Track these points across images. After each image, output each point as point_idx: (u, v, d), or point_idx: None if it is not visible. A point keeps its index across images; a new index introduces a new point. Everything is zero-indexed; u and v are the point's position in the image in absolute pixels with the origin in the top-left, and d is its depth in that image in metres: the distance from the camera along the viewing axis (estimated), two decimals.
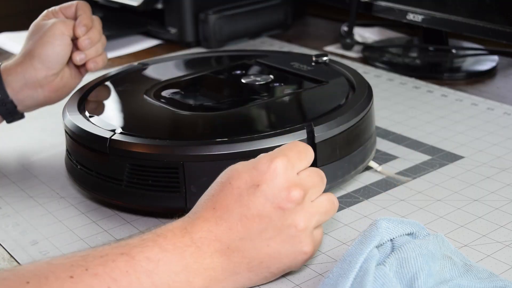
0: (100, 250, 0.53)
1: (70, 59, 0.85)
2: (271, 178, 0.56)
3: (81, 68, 0.87)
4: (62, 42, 0.83)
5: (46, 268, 0.50)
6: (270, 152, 0.58)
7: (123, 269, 0.51)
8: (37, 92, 0.83)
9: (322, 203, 0.59)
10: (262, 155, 0.58)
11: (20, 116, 0.86)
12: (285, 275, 0.61)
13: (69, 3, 0.87)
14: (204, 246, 0.55)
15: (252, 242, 0.56)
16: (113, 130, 0.71)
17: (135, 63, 0.92)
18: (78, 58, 0.84)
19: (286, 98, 0.80)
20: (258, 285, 0.59)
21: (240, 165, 0.58)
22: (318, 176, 0.59)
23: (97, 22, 0.87)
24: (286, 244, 0.57)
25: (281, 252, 0.57)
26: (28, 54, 0.83)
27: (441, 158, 0.83)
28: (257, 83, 0.84)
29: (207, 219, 0.56)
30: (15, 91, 0.83)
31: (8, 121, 0.86)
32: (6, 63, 0.84)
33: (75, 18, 0.86)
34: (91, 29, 0.85)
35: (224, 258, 0.55)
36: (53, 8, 0.87)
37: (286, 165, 0.56)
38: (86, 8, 0.86)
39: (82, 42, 0.84)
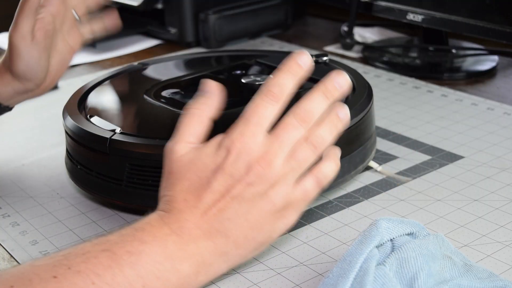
0: (81, 247, 0.53)
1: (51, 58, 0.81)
2: (233, 159, 0.55)
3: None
4: (27, 50, 0.77)
5: (29, 271, 0.50)
6: (233, 128, 0.57)
7: (105, 264, 0.51)
8: (27, 96, 0.82)
9: (298, 156, 0.56)
10: (227, 134, 0.57)
11: (7, 109, 0.83)
12: (285, 274, 0.61)
13: None
14: (185, 234, 0.55)
15: (231, 221, 0.55)
16: (113, 130, 0.71)
17: (135, 63, 0.92)
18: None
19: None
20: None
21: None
22: (282, 132, 0.56)
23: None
24: (262, 213, 0.56)
25: (261, 222, 0.56)
26: (10, 71, 0.79)
27: (441, 158, 0.83)
28: (257, 83, 0.84)
29: (181, 210, 0.55)
30: (5, 99, 0.81)
31: None
32: None
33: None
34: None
35: (209, 242, 0.55)
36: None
37: (246, 142, 0.55)
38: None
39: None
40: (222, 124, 0.74)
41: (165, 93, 0.82)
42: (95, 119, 0.75)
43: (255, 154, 0.55)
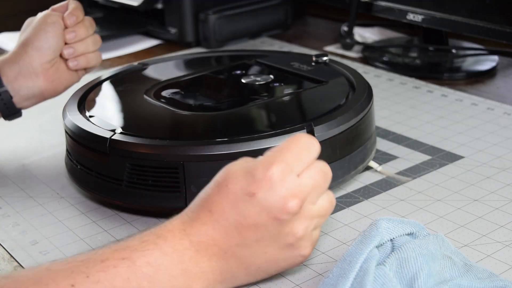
0: (100, 254, 0.52)
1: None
2: (267, 187, 0.53)
3: (74, 67, 0.88)
4: (54, 29, 0.84)
5: (46, 275, 0.49)
6: (268, 155, 0.55)
7: (124, 275, 0.51)
8: (32, 80, 0.83)
9: (322, 205, 0.57)
10: (260, 158, 0.55)
11: (18, 112, 0.85)
12: (285, 274, 0.61)
13: (61, 3, 0.89)
14: (202, 250, 0.54)
15: (249, 249, 0.55)
16: (113, 130, 0.71)
17: (135, 63, 0.92)
18: (66, 52, 0.85)
19: (286, 98, 0.80)
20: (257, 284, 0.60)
21: (238, 166, 0.55)
22: (320, 174, 0.56)
23: (87, 21, 0.88)
24: (284, 251, 0.56)
25: (279, 258, 0.57)
26: (22, 44, 0.84)
27: (441, 158, 0.83)
28: (257, 83, 0.84)
29: (205, 222, 0.55)
30: (10, 80, 0.83)
31: (5, 117, 0.85)
32: (1, 56, 0.85)
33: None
34: (79, 24, 0.86)
35: (222, 262, 0.55)
36: (45, 10, 0.89)
37: (283, 172, 0.54)
38: (78, 4, 0.87)
39: (68, 34, 0.85)
40: (223, 124, 0.74)
41: (165, 93, 0.82)
42: (95, 119, 0.75)
43: (290, 189, 0.54)
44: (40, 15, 0.86)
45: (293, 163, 0.54)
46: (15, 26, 1.40)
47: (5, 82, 0.82)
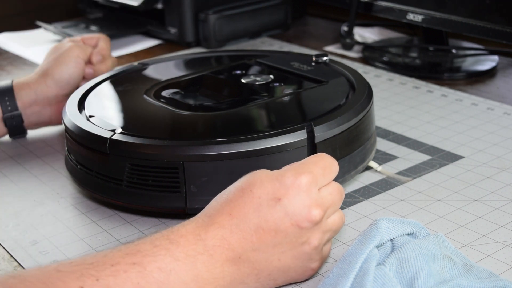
0: (110, 257, 0.52)
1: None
2: (294, 194, 0.56)
3: None
4: (76, 65, 0.89)
5: (55, 277, 0.49)
6: (295, 166, 0.58)
7: (134, 280, 0.50)
8: (44, 109, 0.89)
9: (335, 221, 0.59)
10: (287, 167, 0.58)
11: (24, 132, 0.91)
12: None
13: (92, 34, 0.96)
14: (216, 254, 0.54)
15: (264, 255, 0.56)
16: (113, 130, 0.71)
17: (135, 63, 0.93)
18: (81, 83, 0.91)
19: (286, 98, 0.80)
20: None
21: (263, 174, 0.57)
22: (338, 194, 0.59)
23: (111, 60, 0.96)
24: (297, 260, 0.57)
25: (290, 267, 0.57)
26: (43, 72, 0.89)
27: (441, 158, 0.83)
28: (257, 83, 0.84)
29: (223, 225, 0.55)
30: (25, 106, 0.88)
31: (12, 136, 0.91)
32: (19, 79, 0.89)
33: (94, 47, 0.95)
34: (102, 63, 0.93)
35: (234, 268, 0.55)
36: (76, 37, 0.95)
37: (310, 182, 0.56)
38: (107, 41, 0.95)
39: (88, 68, 0.92)
40: (223, 124, 0.74)
41: (165, 93, 0.82)
42: (95, 119, 0.75)
43: (314, 199, 0.56)
44: (66, 45, 0.90)
45: (318, 177, 0.57)
46: (15, 26, 1.40)
47: (19, 107, 0.87)
